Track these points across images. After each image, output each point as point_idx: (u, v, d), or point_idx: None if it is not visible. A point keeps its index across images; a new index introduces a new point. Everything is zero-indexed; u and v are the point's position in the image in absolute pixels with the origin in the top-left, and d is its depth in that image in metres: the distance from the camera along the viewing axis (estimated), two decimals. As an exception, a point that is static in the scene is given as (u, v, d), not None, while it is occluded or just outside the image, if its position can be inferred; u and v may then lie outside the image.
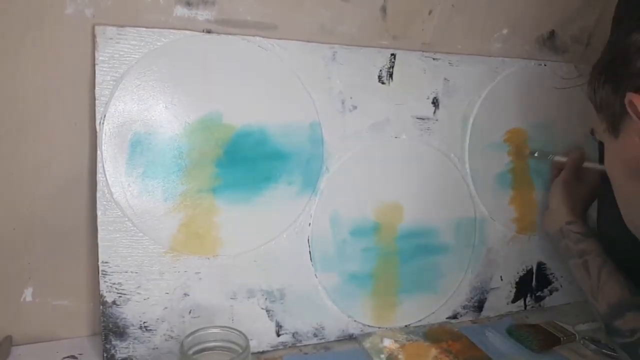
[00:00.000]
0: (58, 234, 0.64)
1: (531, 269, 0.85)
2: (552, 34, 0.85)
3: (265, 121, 0.67)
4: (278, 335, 0.69)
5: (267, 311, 0.69)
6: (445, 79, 0.77)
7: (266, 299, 0.68)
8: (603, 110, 0.54)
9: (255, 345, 0.67)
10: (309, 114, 0.69)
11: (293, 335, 0.70)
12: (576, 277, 0.71)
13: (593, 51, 0.88)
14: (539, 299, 0.86)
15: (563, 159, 0.80)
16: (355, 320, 0.73)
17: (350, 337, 0.73)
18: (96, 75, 0.60)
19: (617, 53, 0.51)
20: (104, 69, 0.60)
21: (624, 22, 0.56)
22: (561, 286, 0.88)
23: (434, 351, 0.70)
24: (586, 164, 0.78)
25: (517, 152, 0.83)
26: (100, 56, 0.60)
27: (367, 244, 0.73)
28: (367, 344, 0.70)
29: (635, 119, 0.48)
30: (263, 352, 0.68)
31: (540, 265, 0.86)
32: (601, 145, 0.82)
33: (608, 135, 0.54)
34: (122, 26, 0.60)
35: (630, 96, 0.48)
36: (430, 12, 0.75)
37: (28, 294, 0.64)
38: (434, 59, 0.76)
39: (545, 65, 0.84)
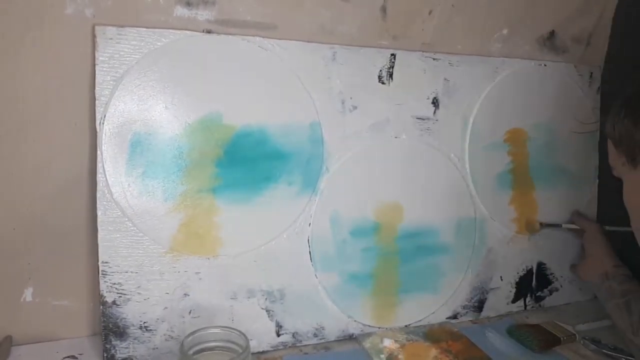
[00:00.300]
0: (58, 234, 0.64)
1: (531, 269, 0.85)
2: (552, 34, 0.85)
3: (265, 121, 0.67)
4: (278, 335, 0.69)
5: (267, 311, 0.69)
6: (445, 79, 0.77)
7: (266, 299, 0.68)
8: (622, 144, 0.58)
9: (255, 345, 0.67)
10: (309, 114, 0.69)
11: (293, 335, 0.70)
12: (614, 317, 0.72)
13: (593, 51, 0.89)
14: (539, 299, 0.86)
15: (572, 226, 0.85)
16: (355, 320, 0.73)
17: (350, 337, 0.73)
18: (96, 75, 0.60)
19: (637, 89, 0.59)
20: (104, 69, 0.60)
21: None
22: (561, 286, 0.88)
23: (434, 351, 0.70)
24: (609, 227, 0.81)
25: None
26: (100, 56, 0.60)
27: (367, 244, 0.73)
28: (367, 344, 0.70)
29: None
30: (263, 352, 0.68)
31: (540, 265, 0.86)
32: (603, 152, 0.80)
33: (627, 168, 0.59)
34: (122, 26, 0.60)
35: None
36: (430, 12, 0.75)
37: (28, 294, 0.64)
38: (434, 59, 0.76)
39: (545, 65, 0.84)
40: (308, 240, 0.70)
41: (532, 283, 0.85)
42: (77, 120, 0.62)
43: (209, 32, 0.64)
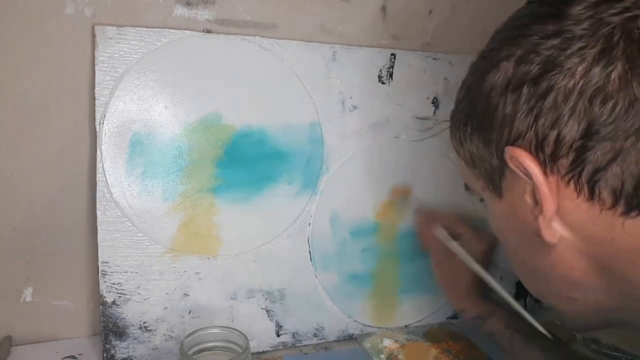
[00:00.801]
0: (58, 234, 0.64)
1: (531, 269, 0.85)
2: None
3: (265, 121, 0.67)
4: (278, 335, 0.69)
5: (267, 311, 0.69)
6: (445, 78, 0.76)
7: (266, 299, 0.68)
8: (477, 165, 0.44)
9: (255, 346, 0.67)
10: (309, 114, 0.69)
11: (293, 336, 0.70)
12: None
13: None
14: (539, 299, 0.86)
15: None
16: (355, 321, 0.73)
17: (350, 337, 0.73)
18: (96, 75, 0.60)
19: (477, 101, 0.42)
20: (104, 68, 0.60)
21: (478, 62, 0.45)
22: (561, 286, 0.87)
23: (434, 351, 0.70)
24: (439, 233, 0.65)
25: None
26: (99, 56, 0.60)
27: (367, 244, 0.73)
28: (367, 344, 0.70)
29: (521, 176, 0.39)
30: (263, 352, 0.68)
31: (540, 265, 0.86)
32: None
33: (489, 194, 0.45)
34: (121, 26, 0.60)
35: (510, 151, 0.39)
36: (430, 12, 0.75)
37: (28, 294, 0.64)
38: (434, 58, 0.76)
39: (545, 65, 0.84)
40: (308, 240, 0.70)
41: (533, 283, 0.85)
42: (77, 120, 0.62)
43: (208, 31, 0.64)
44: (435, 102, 0.76)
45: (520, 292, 0.84)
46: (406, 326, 0.76)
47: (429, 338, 0.73)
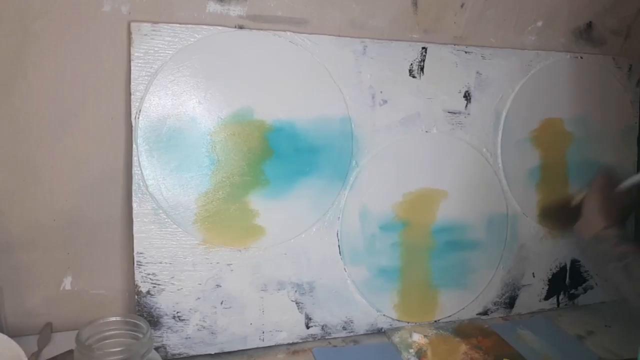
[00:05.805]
0: (95, 226, 0.66)
1: (564, 266, 0.83)
2: (589, 25, 0.82)
3: (295, 116, 0.67)
4: (307, 327, 0.70)
5: (296, 303, 0.69)
6: (477, 72, 0.75)
7: (296, 291, 0.69)
8: None
9: (284, 337, 0.68)
10: (339, 108, 0.70)
11: (322, 328, 0.70)
12: (615, 280, 0.66)
13: (633, 43, 0.86)
14: (572, 297, 0.84)
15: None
16: (384, 315, 0.73)
17: (379, 331, 0.73)
18: (132, 70, 0.61)
19: None
20: (139, 64, 0.61)
21: None
22: (596, 284, 0.86)
23: (463, 347, 0.70)
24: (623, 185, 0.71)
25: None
26: (135, 52, 0.61)
27: (397, 238, 0.73)
28: (396, 338, 0.70)
29: None
30: (293, 344, 0.69)
31: (574, 262, 0.84)
32: None
33: None
34: (156, 22, 0.61)
35: None
36: (462, 5, 0.74)
37: (67, 283, 0.67)
38: (466, 52, 0.75)
39: (581, 57, 0.82)
40: (337, 234, 0.70)
41: (566, 280, 0.84)
42: (114, 114, 0.63)
43: (240, 27, 0.65)
44: (467, 96, 0.75)
45: (553, 289, 0.83)
46: (436, 321, 0.76)
47: (459, 333, 0.73)
